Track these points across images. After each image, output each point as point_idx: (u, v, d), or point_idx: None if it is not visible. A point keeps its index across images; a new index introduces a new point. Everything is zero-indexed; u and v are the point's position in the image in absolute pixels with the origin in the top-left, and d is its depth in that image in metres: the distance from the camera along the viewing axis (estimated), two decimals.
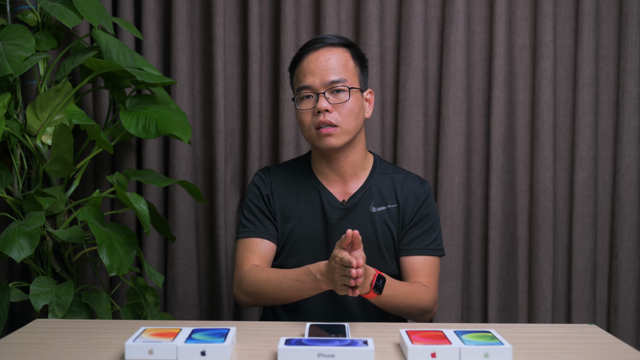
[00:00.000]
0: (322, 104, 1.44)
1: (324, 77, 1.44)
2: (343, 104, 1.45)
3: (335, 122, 1.45)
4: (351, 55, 1.49)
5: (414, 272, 1.50)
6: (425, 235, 1.53)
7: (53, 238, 1.75)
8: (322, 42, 1.48)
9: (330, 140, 1.45)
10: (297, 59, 1.51)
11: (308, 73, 1.46)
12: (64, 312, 1.59)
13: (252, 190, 1.58)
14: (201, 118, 2.18)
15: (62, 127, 1.60)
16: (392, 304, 1.40)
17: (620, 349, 1.18)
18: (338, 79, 1.45)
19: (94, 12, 1.76)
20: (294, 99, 1.50)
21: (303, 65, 1.48)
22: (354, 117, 1.47)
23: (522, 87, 2.13)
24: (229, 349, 1.09)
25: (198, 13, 2.16)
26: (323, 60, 1.45)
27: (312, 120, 1.46)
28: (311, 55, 1.47)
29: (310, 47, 1.48)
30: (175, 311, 2.14)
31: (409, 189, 1.55)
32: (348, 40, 1.51)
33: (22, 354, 1.13)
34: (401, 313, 1.45)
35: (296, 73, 1.50)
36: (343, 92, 1.45)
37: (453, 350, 1.07)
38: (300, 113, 1.48)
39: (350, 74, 1.47)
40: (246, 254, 1.52)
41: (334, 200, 1.53)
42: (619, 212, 2.10)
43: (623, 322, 2.10)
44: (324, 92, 1.44)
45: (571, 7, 2.12)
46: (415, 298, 1.44)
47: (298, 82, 1.49)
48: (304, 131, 1.50)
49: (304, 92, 1.47)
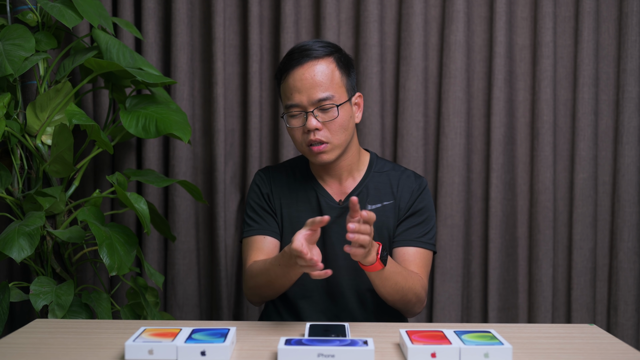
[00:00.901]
0: (312, 123, 1.43)
1: (311, 95, 1.43)
2: (332, 121, 1.44)
3: (325, 139, 1.44)
4: (337, 65, 1.47)
5: (405, 263, 1.50)
6: (418, 227, 1.53)
7: (53, 238, 1.75)
8: (307, 55, 1.45)
9: (323, 157, 1.46)
10: (283, 71, 1.48)
11: (295, 91, 1.44)
12: (64, 312, 1.59)
13: (253, 189, 1.60)
14: (201, 118, 2.18)
15: (62, 127, 1.60)
16: (392, 283, 1.39)
17: (620, 349, 1.18)
18: (325, 97, 1.43)
19: (94, 12, 1.76)
20: (283, 116, 1.49)
21: (289, 82, 1.46)
22: (344, 131, 1.47)
23: (522, 87, 2.13)
24: (229, 349, 1.09)
25: (198, 13, 2.16)
26: (309, 77, 1.43)
27: (303, 138, 1.46)
28: (297, 71, 1.44)
29: (295, 62, 1.45)
30: (175, 311, 2.14)
31: (405, 184, 1.55)
32: (332, 47, 1.49)
33: (22, 354, 1.13)
34: (398, 296, 1.42)
35: (283, 88, 1.49)
36: (332, 110, 1.44)
37: (453, 350, 1.07)
38: (290, 130, 1.48)
39: (337, 87, 1.45)
40: (249, 252, 1.53)
41: (330, 199, 1.54)
42: (619, 212, 2.10)
43: (623, 322, 2.10)
44: (313, 111, 1.44)
45: (571, 7, 2.12)
46: (412, 281, 1.44)
47: (286, 99, 1.47)
48: (296, 146, 1.50)
49: (293, 110, 1.46)
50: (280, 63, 1.51)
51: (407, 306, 1.48)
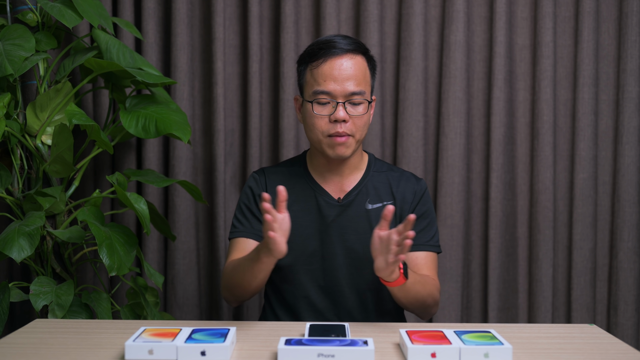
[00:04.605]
0: (340, 114, 1.44)
1: (345, 87, 1.44)
2: (360, 117, 1.46)
3: (350, 132, 1.45)
4: (368, 64, 1.50)
5: (417, 267, 1.51)
6: (425, 232, 1.55)
7: (53, 238, 1.75)
8: (344, 47, 1.46)
9: (342, 149, 1.46)
10: (315, 56, 1.47)
11: (330, 79, 1.44)
12: (64, 312, 1.59)
13: (245, 191, 1.60)
14: (201, 118, 2.18)
15: (62, 127, 1.60)
16: (414, 292, 1.40)
17: (620, 349, 1.18)
18: (359, 91, 1.45)
19: (94, 12, 1.76)
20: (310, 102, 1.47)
21: (324, 69, 1.45)
22: (366, 128, 1.50)
23: (522, 87, 2.13)
24: (229, 349, 1.09)
25: (198, 13, 2.16)
26: (346, 68, 1.44)
27: (327, 127, 1.46)
28: (334, 60, 1.44)
29: (332, 51, 1.45)
30: (175, 311, 2.14)
31: (405, 186, 1.56)
32: (364, 47, 1.51)
33: (22, 354, 1.13)
34: (418, 303, 1.44)
35: (314, 74, 1.47)
36: (361, 105, 1.46)
37: (453, 350, 1.07)
38: (313, 117, 1.47)
39: (367, 85, 1.48)
40: (230, 254, 1.54)
41: (329, 197, 1.54)
42: (619, 212, 2.10)
43: (623, 322, 2.10)
44: (344, 102, 1.44)
45: (571, 7, 2.12)
46: (429, 287, 1.46)
47: (316, 85, 1.46)
48: (313, 134, 1.48)
49: (322, 97, 1.45)
50: (309, 48, 1.50)
51: (425, 310, 1.49)
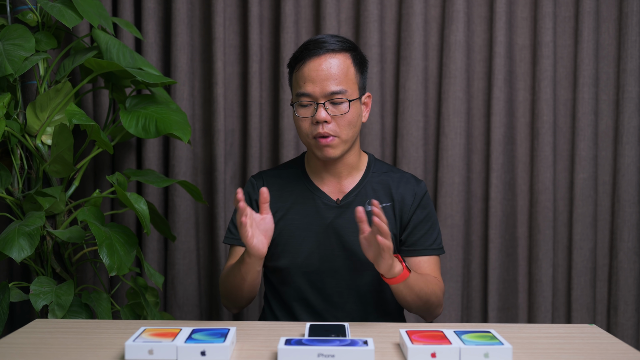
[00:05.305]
0: (322, 115, 1.43)
1: (324, 87, 1.43)
2: (342, 116, 1.44)
3: (333, 132, 1.44)
4: (352, 61, 1.47)
5: (420, 270, 1.52)
6: (427, 235, 1.54)
7: (53, 238, 1.75)
8: (324, 47, 1.45)
9: (329, 150, 1.46)
10: (297, 59, 1.48)
11: (308, 80, 1.44)
12: (64, 312, 1.59)
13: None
14: (201, 118, 2.18)
15: (62, 127, 1.60)
16: (417, 289, 1.40)
17: (620, 349, 1.18)
18: (339, 90, 1.43)
19: (94, 12, 1.76)
20: (292, 105, 1.49)
21: (304, 71, 1.45)
22: (352, 127, 1.47)
23: (522, 87, 2.13)
24: (229, 349, 1.09)
25: (198, 13, 2.16)
26: (325, 69, 1.43)
27: (310, 129, 1.46)
28: (313, 61, 1.44)
29: (311, 52, 1.45)
30: (175, 311, 2.14)
31: (405, 187, 1.55)
32: (350, 44, 1.49)
33: (22, 354, 1.13)
34: (421, 302, 1.44)
35: (295, 77, 1.48)
36: (343, 104, 1.44)
37: (453, 350, 1.07)
38: (297, 119, 1.47)
39: (350, 83, 1.46)
40: (227, 262, 1.56)
41: (328, 199, 1.53)
42: (619, 212, 2.10)
43: (623, 322, 2.10)
44: (324, 103, 1.43)
45: (571, 7, 2.12)
46: (432, 285, 1.46)
47: (297, 87, 1.47)
48: (301, 137, 1.50)
49: (303, 99, 1.45)
50: (295, 52, 1.51)
51: (429, 310, 1.49)
